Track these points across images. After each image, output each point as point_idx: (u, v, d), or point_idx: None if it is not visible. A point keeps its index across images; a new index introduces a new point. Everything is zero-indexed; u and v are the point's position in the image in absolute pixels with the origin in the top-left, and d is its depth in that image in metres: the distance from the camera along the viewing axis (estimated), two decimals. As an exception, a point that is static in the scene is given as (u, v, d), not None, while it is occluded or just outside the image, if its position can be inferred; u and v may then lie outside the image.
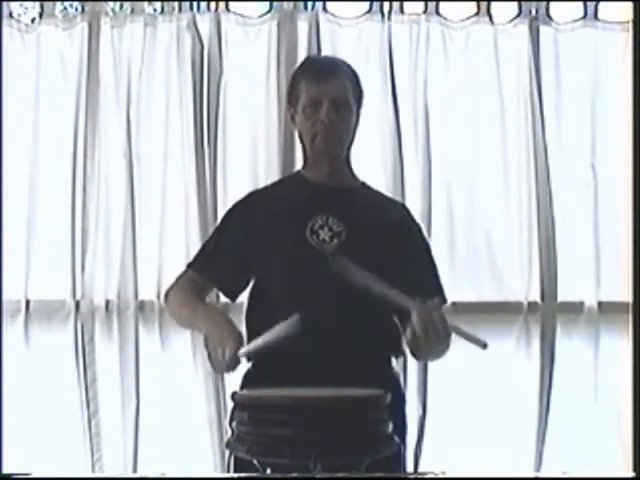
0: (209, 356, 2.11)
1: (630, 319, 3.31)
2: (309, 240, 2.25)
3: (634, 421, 3.25)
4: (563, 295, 3.54)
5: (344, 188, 2.34)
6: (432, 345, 2.07)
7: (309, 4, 3.52)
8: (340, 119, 2.28)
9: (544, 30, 3.56)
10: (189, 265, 2.41)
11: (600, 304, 3.53)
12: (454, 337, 2.10)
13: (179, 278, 2.41)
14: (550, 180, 3.53)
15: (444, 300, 2.36)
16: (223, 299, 2.45)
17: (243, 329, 2.18)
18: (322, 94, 2.27)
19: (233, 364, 2.08)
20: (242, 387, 2.27)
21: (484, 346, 2.02)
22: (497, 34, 3.54)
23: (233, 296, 2.39)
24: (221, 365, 2.09)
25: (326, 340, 2.14)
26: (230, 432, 1.80)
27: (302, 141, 2.36)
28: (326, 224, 2.26)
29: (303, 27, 3.49)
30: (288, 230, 2.26)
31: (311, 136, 2.30)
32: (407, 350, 2.23)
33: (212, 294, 2.51)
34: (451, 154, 3.53)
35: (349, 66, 2.37)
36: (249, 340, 2.16)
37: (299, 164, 2.45)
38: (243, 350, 2.06)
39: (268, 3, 3.51)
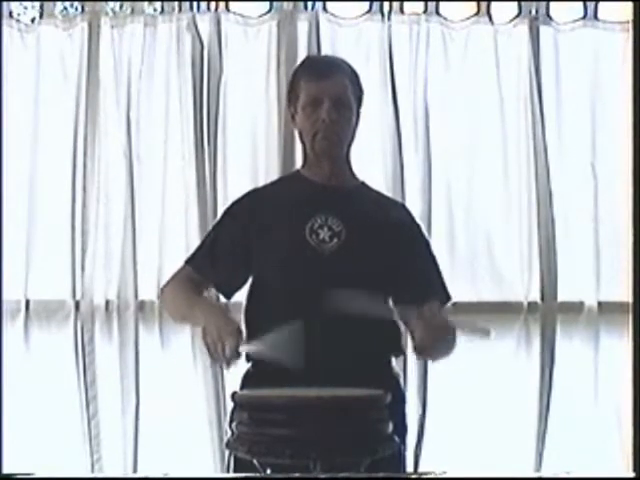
0: (208, 349, 2.10)
1: (630, 319, 3.31)
2: (308, 240, 2.24)
3: (634, 421, 3.26)
4: (563, 295, 3.53)
5: (344, 188, 2.34)
6: (438, 347, 2.11)
7: (309, 4, 3.52)
8: (341, 118, 2.28)
9: (544, 30, 3.56)
10: (186, 262, 2.40)
11: (600, 304, 3.53)
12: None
13: (176, 275, 2.40)
14: (550, 180, 3.53)
15: (448, 297, 2.37)
16: (221, 298, 2.45)
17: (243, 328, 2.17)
18: (322, 93, 2.26)
19: (234, 359, 2.07)
20: (242, 387, 2.27)
21: (488, 333, 2.04)
22: (497, 34, 3.54)
23: (229, 295, 2.39)
24: (220, 359, 2.08)
25: (326, 340, 2.14)
26: (230, 432, 1.80)
27: (302, 140, 2.35)
28: (326, 224, 2.26)
29: (303, 27, 3.49)
30: (287, 230, 2.26)
31: (311, 135, 2.29)
32: (412, 352, 2.23)
33: (210, 290, 2.51)
34: (451, 154, 3.53)
35: (349, 65, 2.36)
36: (248, 339, 2.16)
37: (299, 164, 2.44)
38: (244, 347, 2.05)
39: (268, 3, 3.51)
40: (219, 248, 2.35)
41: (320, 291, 2.18)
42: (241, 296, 2.37)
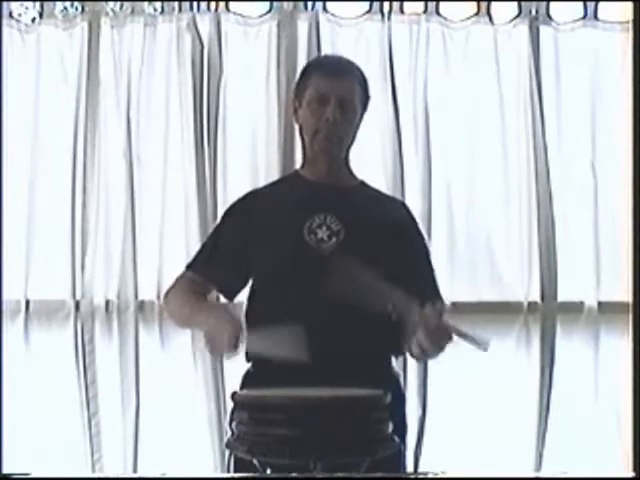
0: (208, 342, 2.10)
1: (630, 319, 3.31)
2: (307, 239, 2.24)
3: (634, 421, 3.26)
4: (563, 295, 3.54)
5: (342, 187, 2.34)
6: (436, 352, 2.10)
7: (309, 4, 3.53)
8: (344, 119, 2.28)
9: (544, 30, 3.56)
10: (188, 266, 2.40)
11: (600, 304, 3.53)
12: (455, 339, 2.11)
13: (178, 279, 2.40)
14: (550, 180, 3.53)
15: (440, 299, 2.36)
16: (222, 299, 2.45)
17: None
18: (331, 92, 2.26)
19: (233, 352, 2.06)
20: (242, 387, 2.27)
21: (485, 349, 2.03)
22: (497, 34, 3.55)
23: (231, 296, 2.38)
24: (220, 351, 2.08)
25: (325, 340, 2.14)
26: (230, 432, 1.80)
27: (302, 136, 2.35)
28: (324, 223, 2.26)
29: (303, 27, 3.49)
30: (286, 229, 2.26)
31: (312, 132, 2.29)
32: (409, 352, 2.22)
33: (212, 294, 2.51)
34: (451, 154, 3.53)
35: (360, 70, 2.37)
36: (248, 339, 2.16)
37: (299, 164, 2.44)
38: (245, 343, 2.05)
39: (268, 3, 3.51)
40: (220, 250, 2.35)
41: (319, 291, 2.18)
42: (243, 297, 2.37)
